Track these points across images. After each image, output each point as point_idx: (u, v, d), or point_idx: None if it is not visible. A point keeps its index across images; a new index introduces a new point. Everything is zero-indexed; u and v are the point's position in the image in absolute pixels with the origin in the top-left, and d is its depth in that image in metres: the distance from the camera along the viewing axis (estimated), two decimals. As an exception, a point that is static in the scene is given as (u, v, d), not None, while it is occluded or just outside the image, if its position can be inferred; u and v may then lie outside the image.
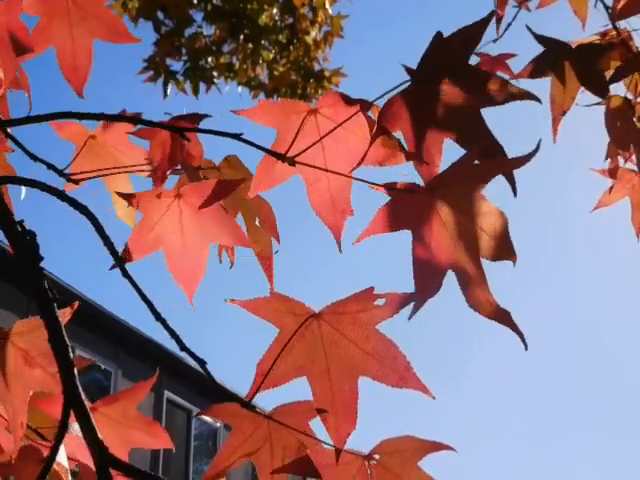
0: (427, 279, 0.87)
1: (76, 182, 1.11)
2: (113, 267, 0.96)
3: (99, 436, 0.80)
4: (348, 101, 0.92)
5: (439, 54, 0.88)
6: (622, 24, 1.57)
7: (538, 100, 0.89)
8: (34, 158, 1.07)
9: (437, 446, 0.94)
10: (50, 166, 1.08)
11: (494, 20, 1.69)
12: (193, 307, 1.04)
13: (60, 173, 1.09)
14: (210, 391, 11.44)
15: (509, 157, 0.89)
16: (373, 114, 0.93)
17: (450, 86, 0.89)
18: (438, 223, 0.87)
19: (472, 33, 0.89)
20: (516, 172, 0.88)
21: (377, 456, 0.94)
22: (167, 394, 11.88)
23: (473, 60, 0.90)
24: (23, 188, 1.09)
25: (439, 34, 0.87)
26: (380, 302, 0.88)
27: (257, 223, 1.16)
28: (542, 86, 1.53)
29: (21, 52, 1.02)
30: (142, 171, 1.16)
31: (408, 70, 0.88)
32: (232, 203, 1.14)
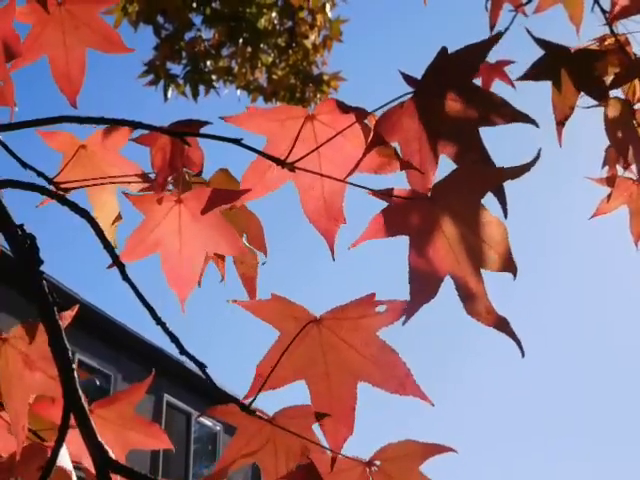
0: (423, 283, 0.86)
1: (66, 191, 1.10)
2: (110, 266, 0.96)
3: (99, 439, 0.81)
4: (345, 109, 0.92)
5: (442, 70, 0.87)
6: (619, 29, 1.58)
7: (535, 124, 0.88)
8: (24, 165, 1.06)
9: (438, 449, 0.94)
10: (40, 174, 1.07)
11: (488, 25, 1.69)
12: (184, 312, 1.04)
13: (50, 181, 1.07)
14: (210, 394, 11.43)
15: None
16: (370, 122, 0.92)
17: (451, 102, 0.89)
18: (438, 231, 0.87)
19: (477, 51, 0.88)
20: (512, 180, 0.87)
21: (378, 462, 0.93)
22: (167, 397, 11.86)
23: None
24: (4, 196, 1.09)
25: (444, 50, 0.87)
26: (381, 309, 0.88)
27: (244, 241, 1.15)
28: (543, 89, 1.53)
29: (10, 58, 1.02)
30: (130, 183, 1.15)
31: (409, 81, 0.88)
32: None
